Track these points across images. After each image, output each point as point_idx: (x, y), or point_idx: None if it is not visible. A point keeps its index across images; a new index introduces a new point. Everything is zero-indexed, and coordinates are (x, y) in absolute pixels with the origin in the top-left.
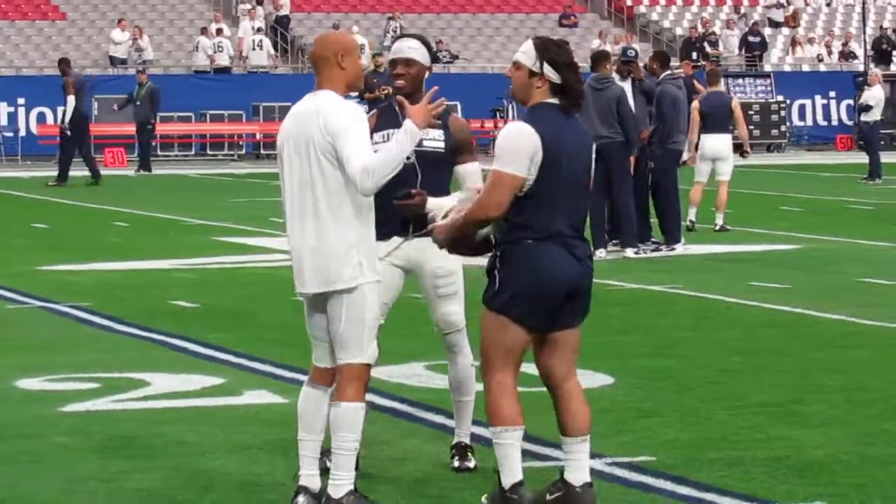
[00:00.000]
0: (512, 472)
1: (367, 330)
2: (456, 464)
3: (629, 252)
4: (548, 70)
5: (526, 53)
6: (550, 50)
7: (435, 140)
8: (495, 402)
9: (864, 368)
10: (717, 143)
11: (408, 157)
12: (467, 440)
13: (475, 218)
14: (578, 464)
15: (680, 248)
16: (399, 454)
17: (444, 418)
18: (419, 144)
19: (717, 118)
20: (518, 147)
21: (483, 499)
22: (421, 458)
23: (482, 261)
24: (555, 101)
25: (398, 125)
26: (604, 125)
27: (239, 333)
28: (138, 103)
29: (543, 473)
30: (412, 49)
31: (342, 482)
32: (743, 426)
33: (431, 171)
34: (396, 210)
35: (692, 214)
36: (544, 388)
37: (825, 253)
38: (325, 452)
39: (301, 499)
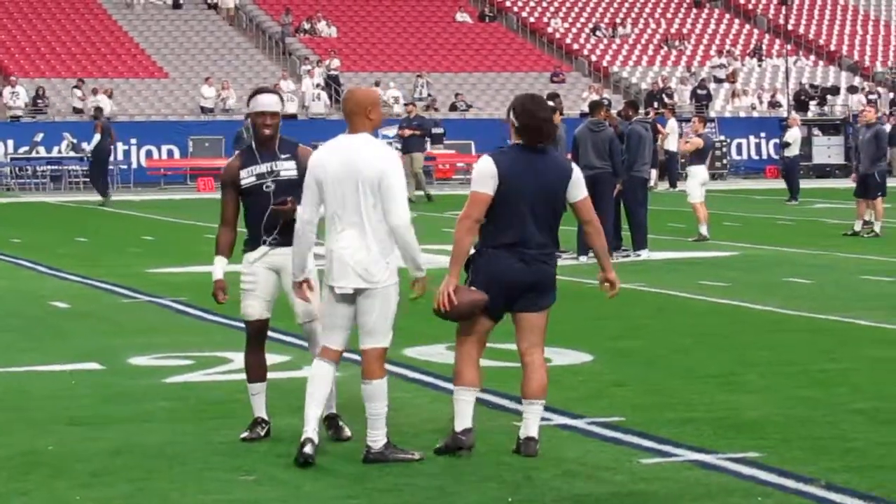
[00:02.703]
0: (463, 420)
1: (392, 321)
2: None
3: None
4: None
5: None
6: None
7: (288, 170)
8: (459, 367)
9: (788, 348)
10: (706, 172)
11: (267, 186)
12: (335, 411)
13: (460, 233)
14: (527, 422)
15: (644, 254)
16: (427, 415)
17: None
18: (277, 175)
19: (703, 153)
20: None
21: (438, 443)
22: (443, 418)
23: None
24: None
25: (256, 163)
26: (598, 159)
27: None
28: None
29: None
30: (277, 104)
31: (379, 438)
32: (693, 393)
33: (286, 193)
34: (262, 225)
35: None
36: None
37: (758, 258)
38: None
39: (308, 448)
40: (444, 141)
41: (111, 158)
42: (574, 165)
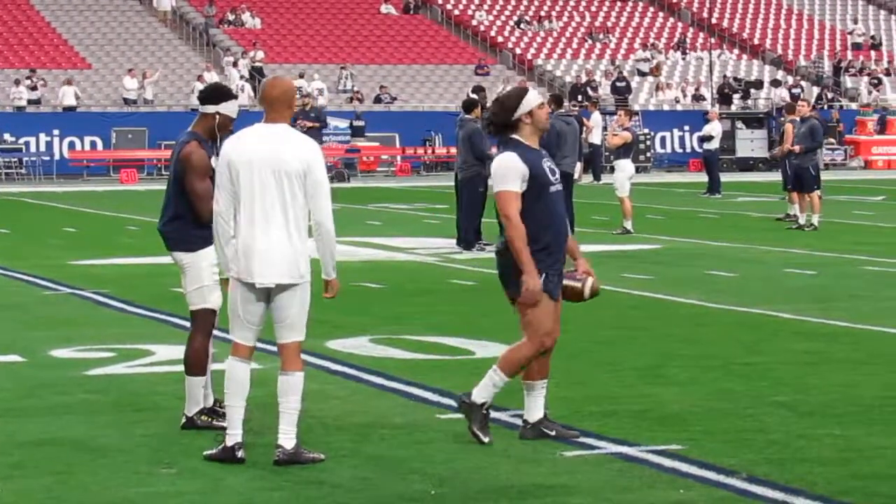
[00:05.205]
0: (529, 411)
1: (307, 315)
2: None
3: None
4: None
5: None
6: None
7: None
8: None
9: (710, 341)
10: (631, 165)
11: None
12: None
13: None
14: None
15: None
16: (349, 407)
17: (384, 380)
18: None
19: (630, 147)
20: None
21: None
22: (366, 410)
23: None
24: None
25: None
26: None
27: (223, 313)
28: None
29: (462, 424)
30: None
31: (292, 436)
32: (616, 386)
33: None
34: None
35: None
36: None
37: (680, 251)
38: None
39: (241, 452)
40: (366, 133)
41: None
42: (496, 158)
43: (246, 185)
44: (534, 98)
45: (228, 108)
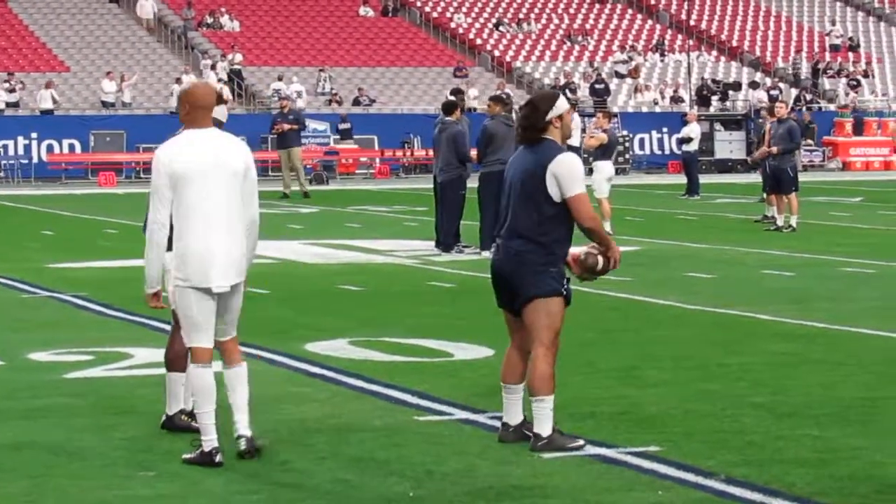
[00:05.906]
0: (506, 414)
1: None
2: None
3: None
4: None
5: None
6: None
7: None
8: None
9: (688, 342)
10: (612, 167)
11: None
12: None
13: None
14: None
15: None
16: (328, 409)
17: (363, 382)
18: None
19: (609, 148)
20: None
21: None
22: (345, 412)
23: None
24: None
25: None
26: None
27: None
28: None
29: (440, 426)
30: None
31: (249, 424)
32: (594, 388)
33: None
34: None
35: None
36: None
37: (659, 253)
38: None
39: (219, 457)
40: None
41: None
42: (559, 157)
43: (198, 192)
44: (564, 103)
45: (218, 113)
